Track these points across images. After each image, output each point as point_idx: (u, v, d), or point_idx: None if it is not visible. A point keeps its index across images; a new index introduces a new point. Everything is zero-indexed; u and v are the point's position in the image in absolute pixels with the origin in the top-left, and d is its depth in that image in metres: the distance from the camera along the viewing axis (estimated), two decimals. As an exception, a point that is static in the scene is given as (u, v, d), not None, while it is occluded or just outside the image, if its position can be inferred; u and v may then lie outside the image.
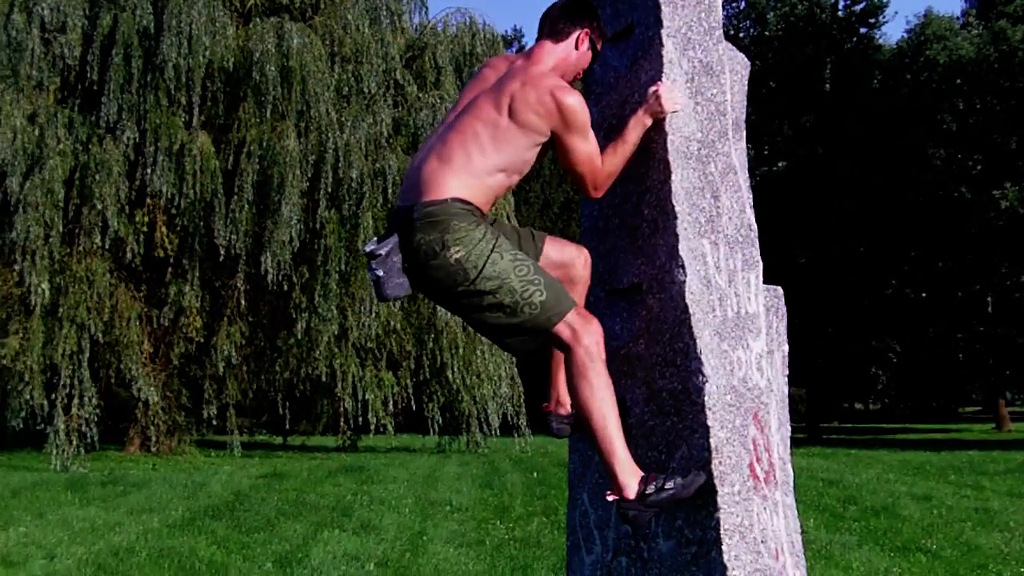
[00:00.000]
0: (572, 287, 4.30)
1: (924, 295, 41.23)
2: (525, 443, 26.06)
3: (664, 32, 4.45)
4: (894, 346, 47.21)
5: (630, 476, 3.95)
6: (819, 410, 46.49)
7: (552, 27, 4.40)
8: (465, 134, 4.18)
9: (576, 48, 4.40)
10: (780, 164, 41.80)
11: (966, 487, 15.98)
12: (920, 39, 39.47)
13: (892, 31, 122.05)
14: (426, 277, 4.08)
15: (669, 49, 4.44)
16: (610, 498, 3.99)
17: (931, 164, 37.31)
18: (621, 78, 4.66)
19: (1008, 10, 36.18)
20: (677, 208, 4.22)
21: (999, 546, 10.32)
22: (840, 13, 43.20)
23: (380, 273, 4.10)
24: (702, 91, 4.54)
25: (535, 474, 18.31)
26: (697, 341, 4.06)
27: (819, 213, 39.43)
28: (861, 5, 43.18)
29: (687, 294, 4.11)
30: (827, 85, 41.48)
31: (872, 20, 43.53)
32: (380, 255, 4.09)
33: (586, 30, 4.40)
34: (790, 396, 5.02)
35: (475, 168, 4.12)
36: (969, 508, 13.26)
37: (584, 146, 4.20)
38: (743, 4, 45.33)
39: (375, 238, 4.19)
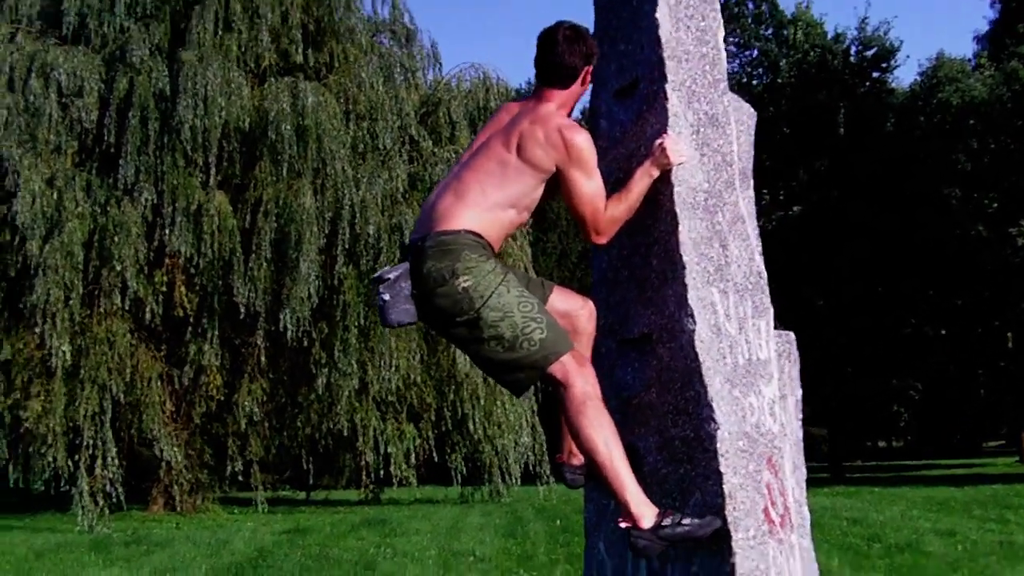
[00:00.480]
0: (575, 338, 4.37)
1: (943, 332, 41.13)
2: (548, 491, 25.98)
3: (668, 86, 4.54)
4: (915, 384, 47.05)
5: (644, 506, 4.01)
6: (841, 449, 46.25)
7: (559, 74, 4.49)
8: (479, 172, 4.32)
9: (582, 84, 4.56)
10: (795, 208, 41.77)
11: (990, 521, 15.87)
12: (932, 82, 39.46)
13: (904, 75, 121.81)
14: (432, 305, 4.19)
15: (674, 102, 4.53)
16: (623, 525, 4.04)
17: (947, 204, 37.27)
18: (627, 132, 4.74)
19: (1020, 50, 36.24)
20: (685, 258, 4.29)
21: (1025, 581, 10.26)
22: (852, 59, 43.25)
23: (387, 297, 4.21)
24: (708, 142, 4.61)
25: (558, 522, 18.22)
26: (708, 389, 4.11)
27: (835, 255, 39.37)
28: (873, 51, 43.21)
29: (697, 343, 4.18)
30: (841, 130, 41.48)
31: (884, 65, 43.51)
32: (389, 279, 4.23)
33: (589, 67, 4.54)
34: (812, 437, 5.10)
35: (488, 203, 4.26)
36: (993, 542, 13.16)
37: (587, 184, 4.30)
38: (755, 52, 45.47)
39: (387, 266, 4.29)
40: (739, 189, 4.67)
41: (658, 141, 4.43)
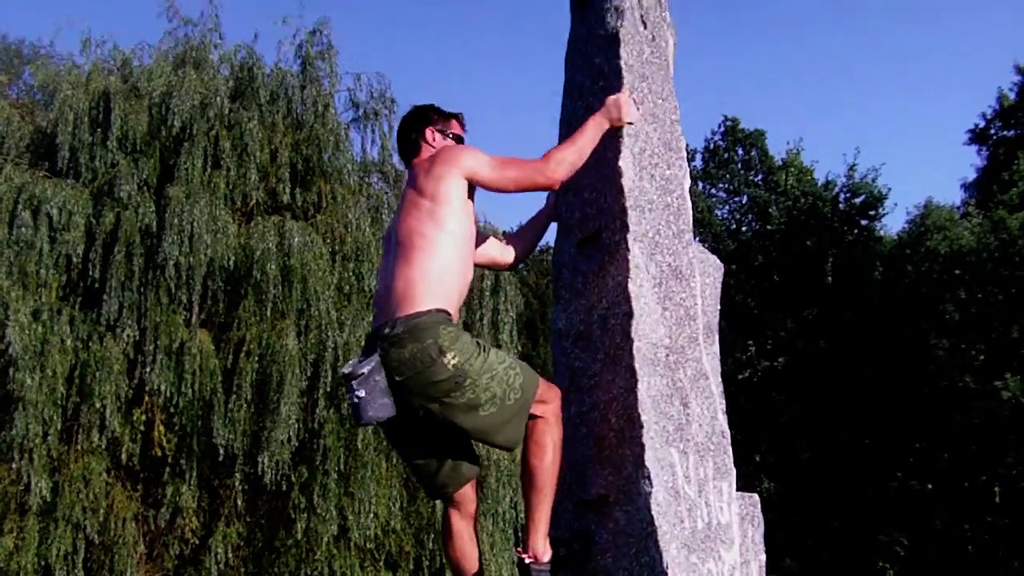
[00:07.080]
0: None
1: (930, 486, 40.69)
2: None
3: (631, 236, 4.43)
4: (901, 539, 46.51)
5: (546, 543, 4.23)
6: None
7: (409, 149, 4.71)
8: (413, 235, 4.32)
9: (432, 145, 4.66)
10: (780, 359, 41.61)
11: None
12: (920, 229, 39.63)
13: (893, 223, 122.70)
14: (422, 385, 4.09)
15: (636, 253, 4.41)
16: (526, 560, 4.22)
17: (933, 355, 37.22)
18: (589, 284, 4.62)
19: (1007, 198, 36.48)
20: (643, 417, 4.13)
21: None
22: (841, 206, 43.51)
23: (362, 394, 4.10)
24: (671, 296, 4.49)
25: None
26: (664, 555, 3.93)
27: (822, 407, 39.18)
28: (861, 198, 43.49)
29: (653, 506, 4.01)
30: (829, 278, 41.55)
31: (872, 212, 43.78)
32: (362, 374, 4.09)
33: (428, 128, 4.69)
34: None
35: (439, 268, 4.23)
36: None
37: (484, 164, 4.40)
38: (745, 199, 45.66)
39: (351, 361, 4.16)
40: (703, 344, 4.53)
41: (612, 97, 4.45)
